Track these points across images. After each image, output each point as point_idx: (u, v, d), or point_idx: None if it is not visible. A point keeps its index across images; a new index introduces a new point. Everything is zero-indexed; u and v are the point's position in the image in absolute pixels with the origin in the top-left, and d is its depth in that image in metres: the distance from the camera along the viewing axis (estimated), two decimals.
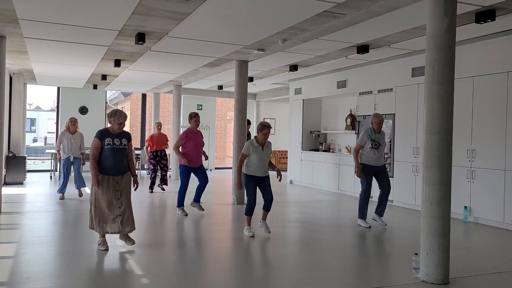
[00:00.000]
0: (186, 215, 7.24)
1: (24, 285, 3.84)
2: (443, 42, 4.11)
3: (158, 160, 10.06)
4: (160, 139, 10.13)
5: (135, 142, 22.54)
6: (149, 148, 10.05)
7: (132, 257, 4.80)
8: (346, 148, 10.78)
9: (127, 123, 28.87)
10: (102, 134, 5.07)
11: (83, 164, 8.97)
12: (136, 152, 13.37)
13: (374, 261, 5.00)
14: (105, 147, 5.02)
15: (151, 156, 10.01)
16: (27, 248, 5.05)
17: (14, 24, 6.50)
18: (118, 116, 5.08)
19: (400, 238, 6.16)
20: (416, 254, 4.35)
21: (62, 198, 8.71)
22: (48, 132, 40.03)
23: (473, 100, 7.14)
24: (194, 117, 7.40)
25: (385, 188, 6.74)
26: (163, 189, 10.22)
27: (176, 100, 13.75)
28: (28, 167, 13.34)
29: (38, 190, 10.02)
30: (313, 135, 12.02)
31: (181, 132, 9.11)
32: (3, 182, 8.83)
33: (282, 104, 16.90)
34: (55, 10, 5.69)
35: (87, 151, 7.95)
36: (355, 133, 10.00)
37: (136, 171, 12.52)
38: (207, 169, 16.27)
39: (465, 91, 7.23)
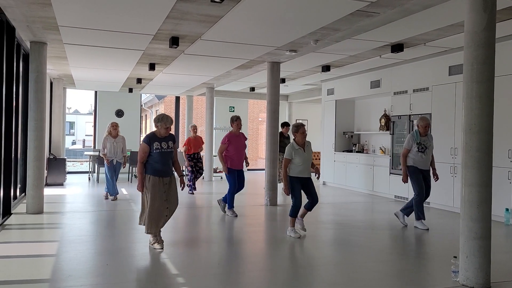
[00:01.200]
0: (236, 216, 7.34)
1: (66, 283, 3.98)
2: (482, 39, 3.98)
3: (195, 163, 10.20)
4: (196, 142, 10.27)
5: None
6: (186, 152, 10.18)
7: (168, 257, 4.88)
8: (381, 149, 10.60)
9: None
10: (150, 139, 5.27)
11: (124, 166, 9.23)
12: None
13: (411, 264, 4.89)
14: (154, 151, 5.23)
15: (189, 159, 10.16)
16: (68, 247, 5.22)
17: (55, 31, 6.75)
18: (165, 121, 5.30)
19: (438, 241, 6.00)
20: (455, 257, 4.23)
21: (114, 199, 8.95)
22: (86, 135, 41.30)
23: None
24: (235, 121, 7.57)
25: (426, 193, 6.65)
26: (192, 193, 10.15)
27: (209, 102, 13.90)
28: (68, 169, 13.80)
29: (77, 191, 10.35)
30: (346, 136, 11.88)
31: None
32: (44, 183, 9.15)
33: (315, 105, 16.79)
34: (93, 16, 5.88)
35: (129, 153, 8.24)
36: (390, 134, 9.83)
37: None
38: None
39: (506, 90, 6.98)
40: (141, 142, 5.35)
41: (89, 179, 12.92)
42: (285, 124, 10.60)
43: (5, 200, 6.81)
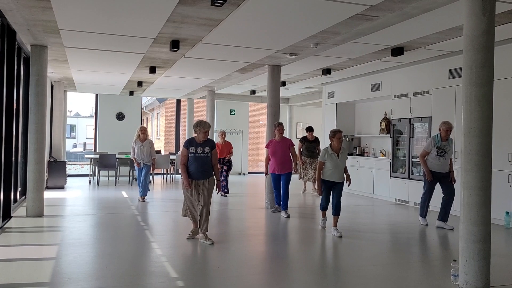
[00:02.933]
0: (288, 216, 7.63)
1: (65, 286, 3.98)
2: (481, 43, 3.99)
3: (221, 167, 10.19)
4: (224, 148, 10.22)
5: (170, 148, 22.98)
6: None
7: (168, 260, 4.88)
8: (381, 152, 10.60)
9: (161, 128, 29.34)
10: (189, 144, 5.73)
11: (153, 170, 9.60)
12: (171, 156, 13.60)
13: (411, 267, 4.89)
14: (190, 155, 5.67)
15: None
16: (67, 250, 5.22)
17: (55, 35, 6.78)
18: (203, 125, 5.71)
19: (438, 244, 6.00)
20: (455, 260, 4.23)
21: (141, 200, 9.20)
22: (87, 138, 41.32)
23: None
24: (277, 127, 7.91)
25: (449, 194, 6.77)
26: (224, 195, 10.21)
27: (210, 105, 13.92)
28: (68, 171, 13.81)
29: (78, 194, 10.36)
30: (347, 139, 11.87)
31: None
32: (45, 186, 9.16)
33: (315, 108, 16.81)
34: (93, 20, 5.90)
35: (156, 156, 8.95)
36: (390, 137, 9.83)
37: (171, 175, 12.63)
38: (240, 174, 16.50)
39: (506, 93, 6.99)
40: (182, 147, 5.79)
41: (90, 182, 12.93)
42: (310, 129, 10.63)
43: (5, 203, 6.81)
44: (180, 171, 5.82)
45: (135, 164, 9.24)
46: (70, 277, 4.23)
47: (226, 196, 10.13)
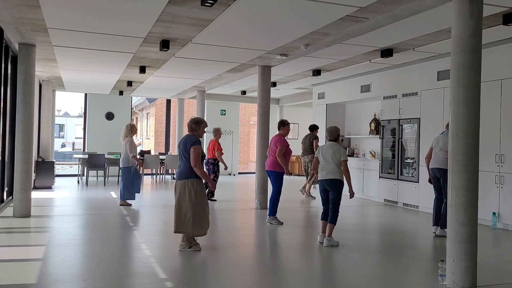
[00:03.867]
0: (282, 224, 7.09)
1: (53, 287, 3.94)
2: (469, 45, 4.03)
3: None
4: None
5: (160, 148, 22.88)
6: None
7: (157, 261, 4.86)
8: (371, 153, 10.66)
9: (151, 128, 29.15)
10: (200, 142, 5.32)
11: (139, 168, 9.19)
12: (161, 157, 13.54)
13: (399, 267, 4.92)
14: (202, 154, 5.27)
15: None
16: (55, 251, 5.17)
17: (43, 33, 6.71)
18: (204, 122, 5.45)
19: (425, 244, 6.04)
20: (442, 261, 4.26)
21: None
22: (76, 138, 40.99)
23: (501, 103, 6.97)
24: (287, 125, 7.28)
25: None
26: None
27: (200, 105, 13.89)
28: (57, 171, 13.68)
29: (66, 194, 10.27)
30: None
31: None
32: (32, 187, 9.07)
33: (306, 109, 16.85)
34: (82, 18, 5.85)
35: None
36: (380, 138, 9.89)
37: (161, 176, 12.54)
38: (230, 174, 16.49)
39: (493, 95, 7.07)
40: (195, 146, 5.14)
41: (78, 182, 12.82)
42: (316, 127, 10.41)
43: None
44: (201, 174, 5.17)
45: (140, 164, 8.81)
46: (57, 278, 4.19)
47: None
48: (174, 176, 14.63)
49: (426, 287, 4.20)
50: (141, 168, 9.18)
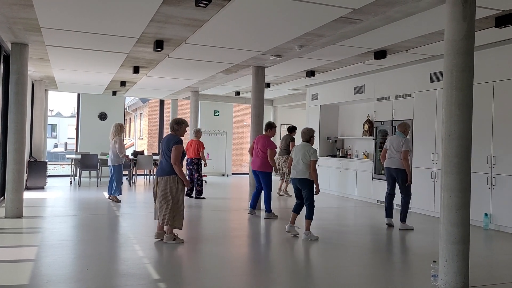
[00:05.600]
0: (276, 217, 7.77)
1: None
2: (462, 48, 4.06)
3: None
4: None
5: (153, 148, 22.80)
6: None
7: (150, 261, 4.84)
8: (364, 154, 10.70)
9: (145, 128, 29.05)
10: (182, 142, 5.67)
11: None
12: (154, 157, 13.50)
13: (392, 268, 4.94)
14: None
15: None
16: (47, 252, 5.14)
17: (36, 33, 6.67)
18: (186, 122, 5.80)
19: (418, 245, 6.08)
20: (435, 261, 4.29)
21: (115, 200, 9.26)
22: (68, 138, 40.74)
23: (493, 105, 7.03)
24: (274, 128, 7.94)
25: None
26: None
27: (194, 106, 13.87)
28: (49, 172, 13.59)
29: (58, 195, 10.20)
30: (330, 141, 11.97)
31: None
32: (24, 187, 9.00)
33: (299, 110, 16.88)
34: (75, 18, 5.82)
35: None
36: (373, 139, 9.93)
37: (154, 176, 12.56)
38: (223, 175, 16.48)
39: (485, 97, 7.13)
40: (177, 145, 5.54)
41: (71, 183, 12.75)
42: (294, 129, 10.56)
43: None
44: (178, 172, 5.54)
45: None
46: (49, 279, 4.16)
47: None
48: None
49: None
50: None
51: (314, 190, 6.10)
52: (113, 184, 9.10)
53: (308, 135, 6.24)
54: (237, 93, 14.60)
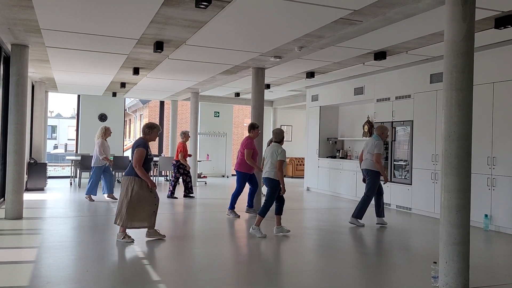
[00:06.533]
0: (239, 216, 7.87)
1: None
2: (462, 49, 4.06)
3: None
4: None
5: (153, 149, 22.77)
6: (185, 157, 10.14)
7: (150, 263, 4.84)
8: None
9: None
10: (146, 145, 5.77)
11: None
12: (154, 158, 13.48)
13: (392, 269, 4.94)
14: (148, 157, 5.71)
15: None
16: (47, 253, 5.14)
17: (37, 34, 6.67)
18: (158, 127, 5.95)
19: (418, 246, 6.07)
20: (435, 262, 4.29)
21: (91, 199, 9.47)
22: (68, 139, 40.75)
23: (494, 106, 7.03)
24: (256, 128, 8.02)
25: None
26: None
27: (194, 107, 13.87)
28: (49, 173, 13.58)
29: (58, 196, 10.20)
30: (330, 142, 11.97)
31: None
32: (24, 188, 9.00)
33: (299, 111, 16.89)
34: (76, 19, 5.83)
35: (111, 158, 8.68)
36: None
37: (153, 177, 12.47)
38: (223, 176, 16.47)
39: (485, 98, 7.13)
40: (138, 148, 5.65)
41: (71, 184, 12.75)
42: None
43: None
44: (141, 175, 5.62)
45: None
46: (49, 281, 4.16)
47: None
48: (167, 178, 14.66)
49: None
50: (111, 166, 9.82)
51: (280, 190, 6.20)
52: (89, 183, 9.41)
53: (280, 136, 6.38)
54: (237, 94, 14.60)
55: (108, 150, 9.40)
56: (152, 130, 5.81)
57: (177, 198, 10.11)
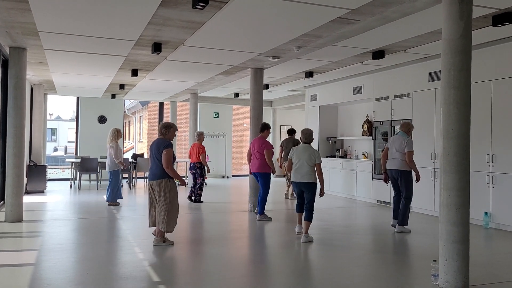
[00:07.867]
0: (271, 219, 7.64)
1: None
2: (459, 47, 4.06)
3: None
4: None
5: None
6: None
7: (150, 264, 4.84)
8: (363, 154, 10.70)
9: (144, 131, 29.01)
10: (172, 145, 5.73)
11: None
12: None
13: (392, 268, 4.94)
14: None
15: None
16: (47, 256, 5.14)
17: (34, 37, 6.67)
18: (175, 126, 5.89)
19: (418, 245, 6.07)
20: (435, 260, 4.29)
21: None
22: (68, 142, 40.75)
23: (492, 104, 7.04)
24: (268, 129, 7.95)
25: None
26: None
27: (193, 108, 13.87)
28: (49, 176, 13.58)
29: (58, 199, 10.20)
30: (330, 141, 11.97)
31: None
32: (24, 191, 9.01)
33: (298, 111, 16.89)
34: (73, 22, 5.83)
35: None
36: (372, 139, 9.93)
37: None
38: (223, 177, 16.47)
39: (483, 95, 7.13)
40: (167, 149, 5.58)
41: (71, 187, 12.75)
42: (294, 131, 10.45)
43: None
44: (172, 174, 5.56)
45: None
46: (49, 283, 4.16)
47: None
48: None
49: (419, 287, 4.21)
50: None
51: (318, 192, 6.00)
52: (109, 189, 9.00)
53: (311, 137, 6.15)
54: (236, 95, 14.60)
55: (121, 153, 9.19)
56: (169, 130, 5.77)
57: (203, 202, 9.71)
